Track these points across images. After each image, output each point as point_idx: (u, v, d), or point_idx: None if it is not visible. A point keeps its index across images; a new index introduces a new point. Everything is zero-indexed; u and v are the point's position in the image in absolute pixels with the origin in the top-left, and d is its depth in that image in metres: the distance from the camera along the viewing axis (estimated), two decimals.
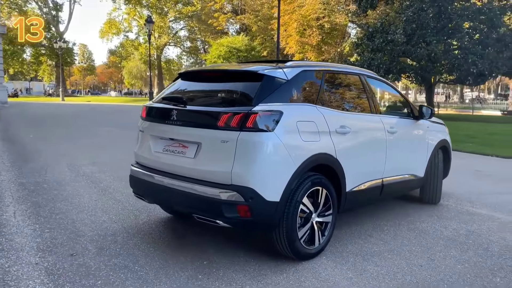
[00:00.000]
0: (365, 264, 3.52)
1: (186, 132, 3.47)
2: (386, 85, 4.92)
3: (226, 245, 3.90)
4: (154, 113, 3.88)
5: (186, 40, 65.52)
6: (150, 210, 4.92)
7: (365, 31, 20.75)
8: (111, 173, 6.88)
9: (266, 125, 3.19)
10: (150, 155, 3.79)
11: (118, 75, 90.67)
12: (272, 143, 3.22)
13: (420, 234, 4.31)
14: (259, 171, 3.16)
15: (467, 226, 4.59)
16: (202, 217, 3.36)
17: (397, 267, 3.47)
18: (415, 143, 4.99)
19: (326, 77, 3.96)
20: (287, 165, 3.29)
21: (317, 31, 34.93)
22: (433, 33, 18.70)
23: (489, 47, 18.43)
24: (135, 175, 3.94)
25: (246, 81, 3.58)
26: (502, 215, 5.06)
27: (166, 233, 4.20)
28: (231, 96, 3.54)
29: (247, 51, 36.91)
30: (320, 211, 3.62)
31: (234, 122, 3.17)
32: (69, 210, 4.85)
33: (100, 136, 12.19)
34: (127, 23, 63.54)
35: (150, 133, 3.83)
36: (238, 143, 3.15)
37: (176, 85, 4.07)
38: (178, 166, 3.51)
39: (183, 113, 3.51)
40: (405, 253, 3.79)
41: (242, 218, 3.18)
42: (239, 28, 51.22)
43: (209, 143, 3.31)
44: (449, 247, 3.96)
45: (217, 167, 3.25)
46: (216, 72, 3.98)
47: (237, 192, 3.14)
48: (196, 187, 3.31)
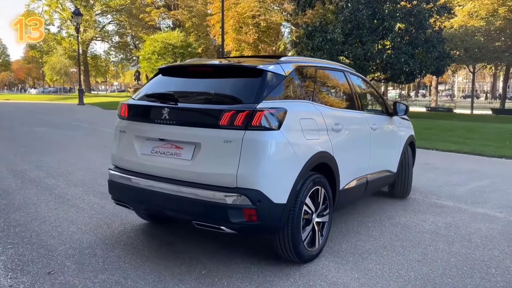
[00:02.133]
0: (366, 263, 3.48)
1: (181, 132, 3.19)
2: (363, 81, 4.94)
3: (217, 250, 3.67)
4: (139, 111, 3.53)
5: (115, 35, 62.74)
6: (122, 217, 4.53)
7: (304, 30, 21.09)
8: (62, 178, 6.29)
9: (272, 123, 3.02)
10: (135, 158, 3.44)
11: (39, 71, 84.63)
12: (278, 142, 3.05)
13: (404, 228, 4.37)
14: (266, 172, 2.98)
15: (442, 218, 4.75)
16: (204, 223, 3.10)
17: (397, 264, 3.47)
18: (390, 139, 5.08)
19: (318, 73, 3.86)
20: (293, 165, 3.15)
21: (254, 29, 35.03)
22: (368, 33, 19.50)
23: (419, 47, 19.61)
24: (116, 180, 3.56)
25: (243, 77, 3.37)
26: (468, 206, 5.31)
27: (148, 241, 3.87)
28: (228, 93, 3.31)
29: (183, 47, 36.12)
30: (319, 211, 3.52)
31: (238, 120, 2.96)
32: (28, 222, 4.31)
33: (35, 137, 11.18)
34: (48, 15, 59.49)
35: (134, 133, 3.48)
36: (244, 143, 2.94)
37: (157, 82, 3.75)
38: (171, 169, 3.22)
39: (176, 111, 3.22)
40: (398, 249, 3.81)
41: (249, 223, 2.99)
42: (172, 23, 50.02)
43: (209, 144, 3.06)
44: (436, 240, 4.05)
45: (219, 169, 3.01)
46: (206, 67, 3.70)
47: (244, 195, 2.93)
48: (196, 192, 3.05)
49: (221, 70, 3.56)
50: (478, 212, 5.04)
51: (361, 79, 4.83)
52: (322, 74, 3.97)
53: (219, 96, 3.31)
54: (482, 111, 32.13)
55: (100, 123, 15.86)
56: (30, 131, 12.55)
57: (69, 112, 21.62)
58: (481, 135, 13.48)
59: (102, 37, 63.84)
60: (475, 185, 6.58)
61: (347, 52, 20.17)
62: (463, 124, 16.88)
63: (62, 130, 12.97)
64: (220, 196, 2.96)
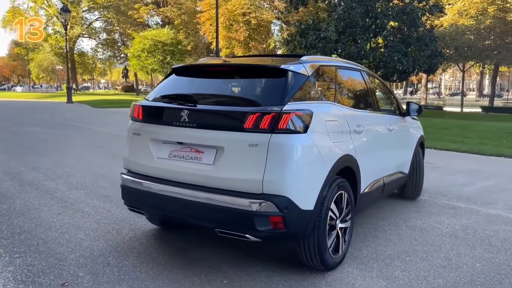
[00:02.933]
0: (391, 270, 3.37)
1: (202, 135, 3.03)
2: (377, 80, 4.83)
3: (236, 256, 3.54)
4: (155, 113, 3.36)
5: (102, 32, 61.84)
6: (130, 222, 4.36)
7: (297, 28, 21.01)
8: (62, 181, 6.07)
9: (299, 126, 2.89)
10: (151, 162, 3.28)
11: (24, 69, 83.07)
12: (306, 146, 2.92)
13: (421, 232, 4.28)
14: (293, 178, 2.85)
15: (457, 221, 4.68)
16: (228, 231, 2.96)
17: (423, 270, 3.37)
18: (404, 140, 4.99)
19: (338, 73, 3.74)
20: (320, 170, 3.02)
21: (244, 26, 34.80)
22: (361, 31, 19.51)
23: (412, 46, 19.69)
24: (130, 185, 3.39)
25: (264, 77, 3.23)
26: (479, 207, 5.25)
27: (162, 248, 3.71)
28: (250, 94, 3.17)
29: (173, 45, 35.78)
30: (343, 216, 3.40)
31: (264, 123, 2.82)
32: (32, 228, 4.12)
33: (28, 137, 10.86)
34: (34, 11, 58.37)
35: (149, 136, 3.32)
36: (270, 147, 2.80)
37: (171, 82, 3.59)
38: (191, 174, 3.07)
39: (197, 113, 3.07)
40: (420, 253, 3.71)
41: (275, 231, 2.85)
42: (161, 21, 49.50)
43: (233, 148, 2.91)
44: (456, 244, 3.97)
45: (244, 175, 2.87)
46: (224, 67, 3.53)
47: (270, 202, 2.80)
48: (219, 198, 2.91)
49: (240, 70, 3.40)
50: (492, 214, 4.98)
51: (375, 78, 4.72)
52: (342, 74, 3.85)
53: (241, 98, 3.16)
54: (471, 109, 32.47)
55: (92, 122, 15.56)
56: (21, 131, 12.21)
57: (59, 111, 21.20)
58: (476, 133, 13.53)
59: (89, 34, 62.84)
60: (481, 185, 6.54)
61: (340, 50, 20.15)
62: (457, 123, 16.96)
63: (55, 130, 12.66)
64: (245, 202, 2.82)
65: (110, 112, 21.79)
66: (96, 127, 13.81)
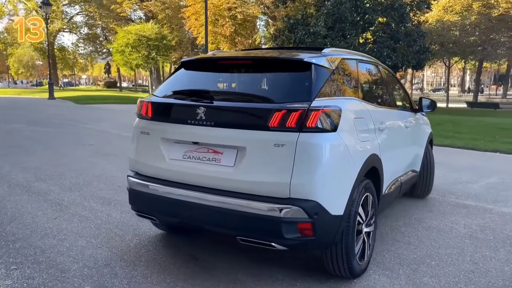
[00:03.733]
0: (419, 276, 3.18)
1: (221, 134, 2.78)
2: (391, 74, 4.63)
3: (251, 263, 3.30)
4: (167, 110, 3.09)
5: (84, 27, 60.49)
6: (133, 226, 4.09)
7: (286, 23, 20.77)
8: (53, 182, 5.73)
9: (329, 124, 2.66)
10: (162, 163, 3.01)
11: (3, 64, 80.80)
12: (336, 146, 2.70)
13: (439, 233, 4.12)
14: (323, 181, 2.62)
15: (472, 220, 4.53)
16: (251, 239, 2.72)
17: (452, 276, 3.20)
18: (418, 138, 4.81)
19: (359, 67, 3.52)
20: (351, 171, 2.81)
21: (230, 21, 34.39)
22: (350, 26, 19.38)
23: (400, 41, 19.65)
24: (139, 189, 3.12)
25: (286, 71, 2.98)
26: (491, 205, 5.12)
27: (171, 256, 3.44)
28: (273, 90, 2.92)
29: (157, 39, 35.15)
30: (368, 220, 3.20)
31: (291, 121, 2.58)
32: (27, 235, 3.81)
33: (13, 135, 10.40)
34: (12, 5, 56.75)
35: (160, 135, 3.04)
36: (298, 147, 2.57)
37: (181, 77, 3.32)
38: (209, 176, 2.81)
39: (215, 111, 2.81)
40: (444, 257, 3.54)
41: (303, 238, 2.63)
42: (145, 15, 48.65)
43: (256, 148, 2.67)
44: (478, 246, 3.81)
45: (269, 177, 2.63)
46: (242, 60, 3.24)
47: (299, 207, 2.56)
48: (242, 203, 2.66)
49: (259, 64, 3.14)
50: (505, 213, 4.85)
51: (389, 72, 4.52)
52: (362, 68, 3.63)
53: (263, 94, 2.91)
54: (456, 104, 32.80)
55: (78, 118, 15.05)
56: (5, 128, 11.70)
57: (42, 107, 20.51)
58: (468, 129, 13.54)
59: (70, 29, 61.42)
60: (486, 182, 6.44)
61: (329, 46, 19.97)
62: (447, 118, 17.01)
63: (40, 127, 12.17)
64: (272, 208, 2.59)
65: (95, 108, 21.24)
66: (82, 124, 13.35)
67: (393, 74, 4.76)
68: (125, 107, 23.24)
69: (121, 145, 9.41)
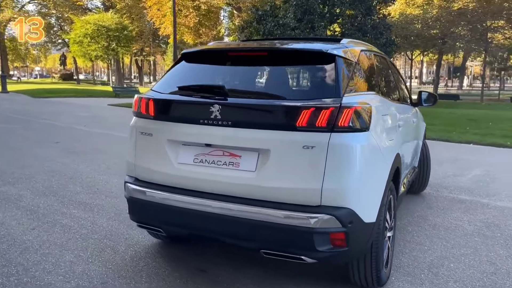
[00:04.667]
0: (443, 282, 3.01)
1: (239, 135, 2.47)
2: (395, 67, 4.43)
3: (262, 273, 3.02)
4: (175, 109, 2.73)
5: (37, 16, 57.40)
6: (124, 235, 3.72)
7: (254, 14, 20.44)
8: (23, 186, 5.21)
9: (361, 123, 2.41)
10: (170, 168, 2.66)
11: None
12: (369, 147, 2.46)
13: (447, 231, 3.99)
14: (358, 185, 2.38)
15: (474, 216, 4.45)
16: (278, 252, 2.44)
17: (476, 280, 3.05)
18: (418, 133, 4.67)
19: (375, 60, 3.29)
20: (383, 173, 2.59)
21: (194, 12, 33.62)
22: (319, 18, 19.30)
23: (368, 34, 19.79)
24: (142, 197, 2.75)
25: (307, 63, 2.70)
26: (486, 199, 5.09)
27: (175, 269, 3.10)
28: (295, 85, 2.64)
29: (118, 30, 33.83)
30: (391, 224, 2.99)
31: (321, 120, 2.31)
32: (4, 250, 3.35)
33: None
34: None
35: (166, 137, 2.69)
36: (330, 149, 2.30)
37: (183, 70, 2.97)
38: (226, 183, 2.50)
39: (233, 109, 2.50)
40: (461, 258, 3.40)
41: (336, 250, 2.37)
42: (103, 4, 46.76)
43: (282, 150, 2.38)
44: (490, 244, 3.71)
45: (297, 183, 2.35)
46: (255, 52, 2.89)
47: (332, 216, 2.31)
48: (266, 212, 2.37)
49: (276, 55, 2.80)
50: (501, 207, 4.82)
51: (394, 65, 4.32)
52: (378, 61, 3.40)
53: (285, 89, 2.63)
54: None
55: (37, 113, 14.14)
56: None
57: None
58: (439, 120, 13.76)
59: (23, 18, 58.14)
60: (472, 174, 6.45)
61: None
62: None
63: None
64: (302, 217, 2.31)
65: (54, 102, 20.17)
66: (43, 119, 12.53)
67: (396, 66, 4.58)
68: (85, 101, 22.28)
69: (90, 142, 8.85)
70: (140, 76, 60.60)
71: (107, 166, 6.45)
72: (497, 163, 7.46)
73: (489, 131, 11.41)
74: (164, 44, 50.31)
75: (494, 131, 11.41)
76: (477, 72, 74.90)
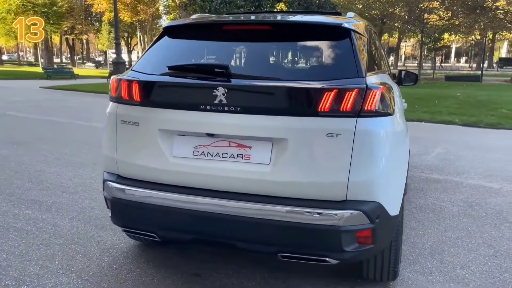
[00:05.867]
0: (450, 269, 2.90)
1: (250, 123, 2.11)
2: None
3: (263, 275, 2.74)
4: (168, 93, 2.31)
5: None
6: (95, 238, 3.26)
7: None
8: None
9: (386, 106, 2.15)
10: (164, 163, 2.26)
11: None
12: (396, 132, 2.22)
13: (434, 213, 3.93)
14: (386, 176, 2.13)
15: (454, 196, 4.44)
16: (299, 255, 2.15)
17: (481, 264, 2.96)
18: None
19: (375, 35, 3.04)
20: (405, 160, 2.39)
21: None
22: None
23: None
24: (130, 199, 2.33)
25: (318, 39, 2.38)
26: (458, 178, 5.13)
27: (164, 276, 2.72)
28: (309, 64, 2.32)
29: (46, 5, 31.22)
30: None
31: (346, 103, 2.02)
32: None
33: None
34: None
35: (158, 126, 2.27)
36: (357, 136, 2.02)
37: (168, 47, 2.55)
38: (234, 178, 2.15)
39: (242, 92, 2.13)
40: (459, 242, 3.32)
41: (361, 249, 2.13)
42: None
43: (302, 140, 2.06)
44: (479, 225, 3.67)
45: (320, 176, 2.06)
46: (254, 25, 2.50)
47: (360, 211, 2.05)
48: (287, 210, 2.07)
49: (281, 30, 2.41)
50: (475, 185, 4.86)
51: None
52: (376, 37, 3.16)
53: (298, 69, 2.29)
54: None
55: None
56: None
57: None
58: None
59: None
60: (436, 153, 6.55)
61: None
62: None
63: None
64: (328, 215, 2.04)
65: None
66: None
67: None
68: (13, 84, 20.58)
69: (29, 129, 8.00)
70: (71, 57, 56.89)
71: (56, 157, 5.79)
72: (454, 140, 7.65)
73: (436, 109, 11.80)
74: (98, 22, 47.39)
75: (440, 109, 11.82)
76: (408, 52, 78.54)
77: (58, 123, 8.85)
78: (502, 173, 5.36)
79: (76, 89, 17.98)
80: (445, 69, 44.31)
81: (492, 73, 37.75)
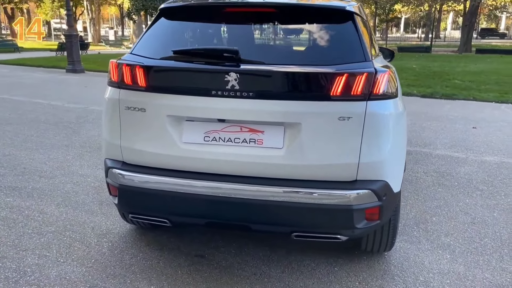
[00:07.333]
0: (436, 237, 3.12)
1: (262, 108, 2.13)
2: None
3: (269, 251, 2.83)
4: (178, 78, 2.26)
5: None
6: (89, 224, 3.21)
7: None
8: None
9: (391, 89, 2.24)
10: (174, 149, 2.24)
11: None
12: (400, 114, 2.33)
13: (411, 184, 4.16)
14: (393, 156, 2.25)
15: (425, 166, 4.70)
16: (312, 234, 2.24)
17: (462, 232, 3.21)
18: None
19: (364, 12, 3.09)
20: (405, 139, 2.50)
21: None
22: None
23: None
24: (142, 186, 2.31)
25: (321, 22, 2.40)
26: (424, 149, 5.42)
27: (168, 259, 2.75)
28: (315, 48, 2.35)
29: None
30: None
31: (357, 87, 2.09)
32: None
33: None
34: None
35: (166, 112, 2.24)
36: (367, 119, 2.11)
37: (167, 30, 2.48)
38: (248, 163, 2.19)
39: (254, 77, 2.14)
40: (437, 211, 3.56)
41: (370, 225, 2.26)
42: None
43: (315, 124, 2.12)
44: (453, 194, 3.94)
45: (331, 159, 2.14)
46: (256, 7, 2.44)
47: (369, 190, 2.16)
48: (300, 192, 2.14)
49: (285, 13, 2.39)
50: (443, 155, 5.17)
51: None
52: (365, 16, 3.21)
53: (306, 53, 2.32)
54: None
55: None
56: None
57: None
58: None
59: None
60: None
61: None
62: None
63: None
64: (341, 195, 2.13)
65: None
66: None
67: None
68: None
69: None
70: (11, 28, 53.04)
71: (22, 139, 5.53)
72: (416, 111, 7.98)
73: None
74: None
75: (400, 80, 12.23)
76: None
77: (15, 102, 8.38)
78: (464, 143, 5.73)
79: (24, 64, 16.93)
80: (395, 40, 45.50)
81: (440, 43, 39.34)
